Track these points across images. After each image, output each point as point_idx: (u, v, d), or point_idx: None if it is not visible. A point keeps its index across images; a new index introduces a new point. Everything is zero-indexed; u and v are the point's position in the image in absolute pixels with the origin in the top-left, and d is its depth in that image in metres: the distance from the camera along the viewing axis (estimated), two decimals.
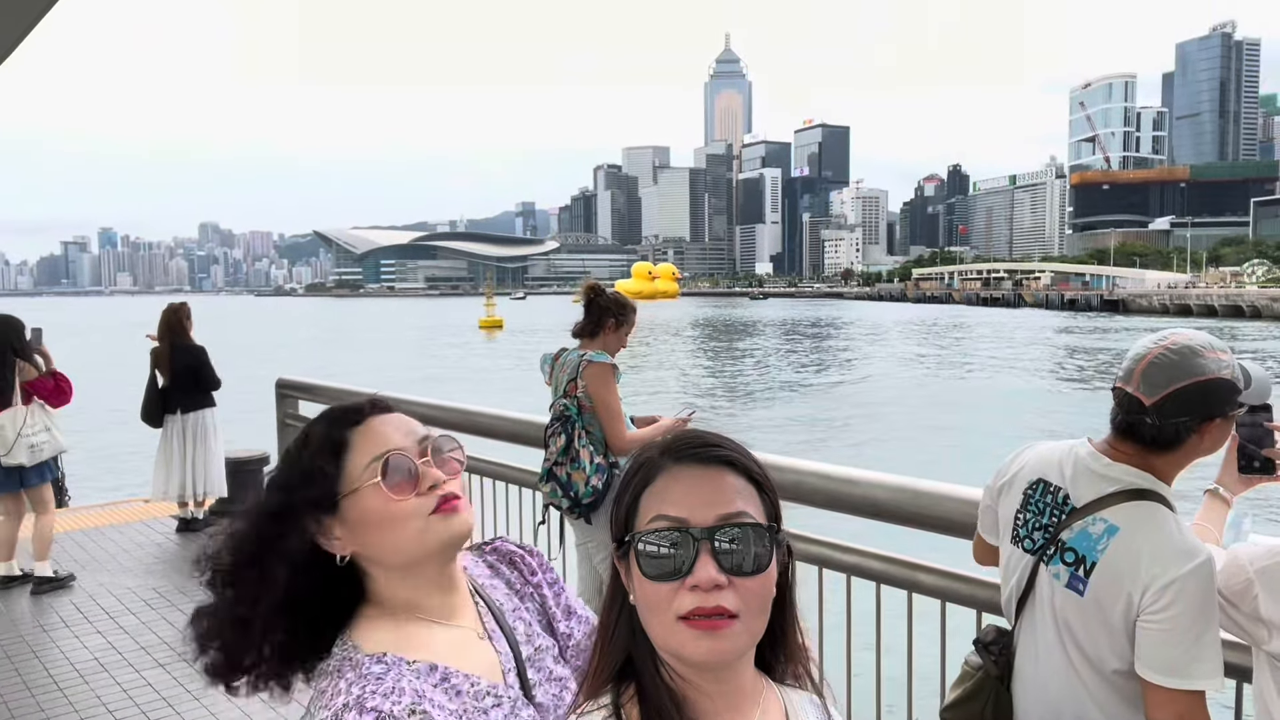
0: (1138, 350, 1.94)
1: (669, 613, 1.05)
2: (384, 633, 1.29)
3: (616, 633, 1.13)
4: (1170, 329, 1.99)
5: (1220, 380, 1.86)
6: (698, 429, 1.19)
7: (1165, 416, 1.86)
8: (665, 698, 1.08)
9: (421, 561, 1.30)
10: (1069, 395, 31.91)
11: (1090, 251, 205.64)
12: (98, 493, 10.98)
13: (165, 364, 7.76)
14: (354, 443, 1.31)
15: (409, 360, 45.02)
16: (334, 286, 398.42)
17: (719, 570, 1.04)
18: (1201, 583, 1.77)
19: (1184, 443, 1.89)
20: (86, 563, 6.85)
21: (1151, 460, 1.92)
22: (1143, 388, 1.88)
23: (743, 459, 1.13)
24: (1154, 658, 1.78)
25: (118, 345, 38.47)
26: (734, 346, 61.03)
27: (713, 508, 1.07)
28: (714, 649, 1.04)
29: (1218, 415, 1.88)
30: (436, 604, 1.33)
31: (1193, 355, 1.86)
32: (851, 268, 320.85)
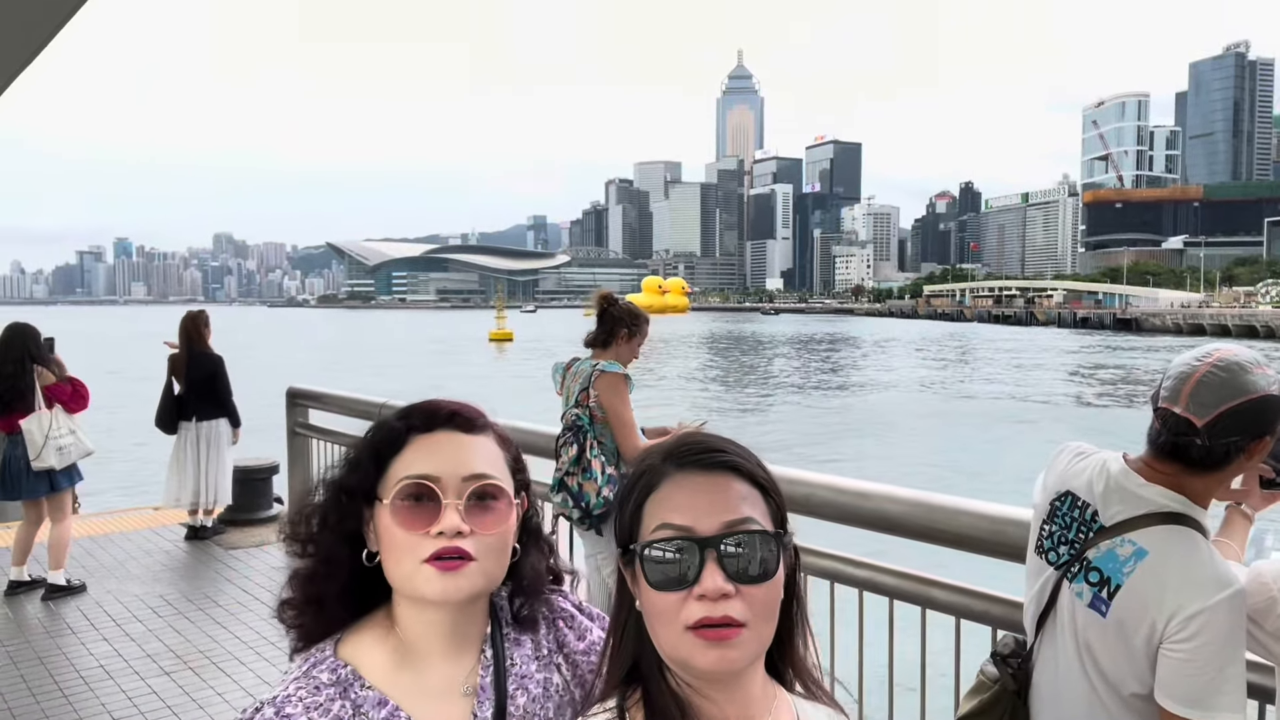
0: (1182, 369, 1.86)
1: (676, 622, 1.03)
2: (367, 644, 1.24)
3: (625, 638, 1.12)
4: (1212, 344, 1.91)
5: (1271, 397, 1.80)
6: (701, 433, 1.17)
7: (1217, 437, 1.79)
8: (671, 705, 1.06)
9: (417, 600, 1.22)
10: (1085, 413, 31.72)
11: (1103, 270, 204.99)
12: (107, 501, 11.00)
13: (182, 371, 7.80)
14: (408, 449, 1.25)
15: (421, 368, 45.12)
16: (346, 298, 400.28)
17: (726, 579, 1.02)
18: (1230, 614, 1.72)
19: (1231, 463, 1.84)
20: (95, 570, 6.85)
21: (1190, 481, 1.86)
22: (1192, 408, 1.81)
23: (747, 464, 1.11)
24: (1175, 687, 1.74)
25: (130, 355, 38.68)
26: (750, 361, 60.95)
27: (718, 515, 1.05)
28: (723, 658, 1.03)
29: (1268, 433, 1.82)
30: (432, 641, 1.24)
31: (1242, 372, 1.80)
32: (862, 284, 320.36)
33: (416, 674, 1.22)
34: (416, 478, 1.21)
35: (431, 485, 1.20)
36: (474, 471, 1.23)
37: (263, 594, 6.32)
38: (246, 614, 5.93)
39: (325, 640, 1.24)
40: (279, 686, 1.19)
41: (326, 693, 1.17)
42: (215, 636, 5.55)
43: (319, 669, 1.20)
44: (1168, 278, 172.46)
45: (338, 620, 1.25)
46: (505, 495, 1.25)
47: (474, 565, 1.19)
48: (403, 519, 1.19)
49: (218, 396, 7.85)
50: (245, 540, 7.65)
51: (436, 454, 1.23)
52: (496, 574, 1.25)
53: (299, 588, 1.26)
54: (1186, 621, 1.72)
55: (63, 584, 6.30)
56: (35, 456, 6.22)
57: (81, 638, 5.55)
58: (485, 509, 1.22)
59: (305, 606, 1.25)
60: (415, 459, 1.23)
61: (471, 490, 1.22)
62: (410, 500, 1.20)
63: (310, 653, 1.23)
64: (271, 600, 1.21)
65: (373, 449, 1.26)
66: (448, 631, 1.24)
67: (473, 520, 1.20)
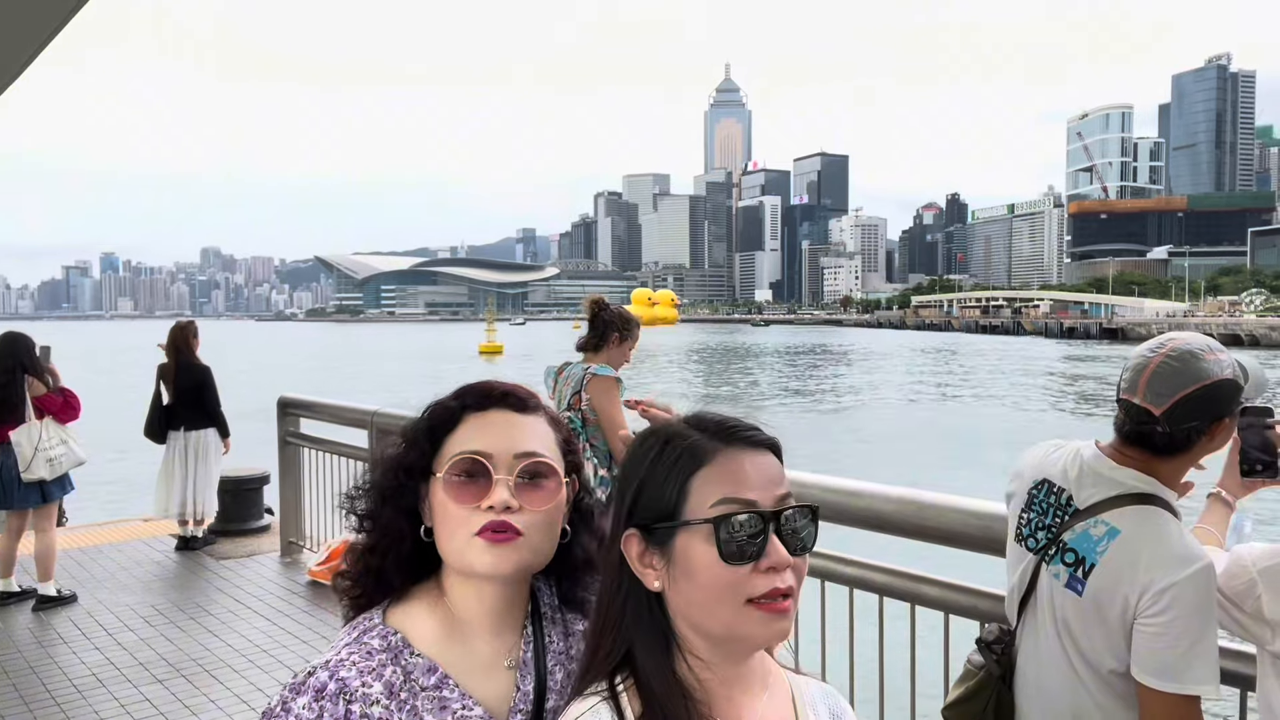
0: (1138, 360, 1.95)
1: (738, 596, 1.05)
2: (416, 613, 1.27)
3: (623, 619, 1.12)
4: (1166, 335, 2.00)
5: (1224, 381, 1.88)
6: (720, 413, 1.18)
7: (1176, 423, 1.87)
8: (670, 682, 1.08)
9: (468, 572, 1.25)
10: (1070, 422, 31.90)
11: (1088, 280, 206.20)
12: (91, 513, 10.95)
13: (171, 381, 7.80)
14: (462, 427, 1.29)
15: (412, 379, 45.01)
16: (334, 312, 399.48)
17: (788, 552, 1.06)
18: (1199, 588, 1.77)
19: (1194, 446, 1.92)
20: (85, 580, 6.82)
21: (1157, 465, 1.93)
22: (1149, 397, 1.89)
23: (778, 442, 1.16)
24: (1149, 661, 1.79)
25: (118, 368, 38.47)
26: (741, 370, 61.01)
27: (772, 489, 1.09)
28: (780, 630, 1.06)
29: (1225, 415, 1.91)
30: (480, 615, 1.27)
31: (1195, 360, 1.89)
32: (851, 295, 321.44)
33: (464, 645, 1.25)
34: (469, 453, 1.24)
35: (484, 461, 1.23)
36: (525, 449, 1.26)
37: (255, 603, 6.31)
38: (239, 623, 5.93)
39: (373, 609, 1.27)
40: (330, 651, 1.21)
41: (379, 658, 1.20)
42: (208, 645, 5.54)
43: (370, 635, 1.23)
44: (1153, 287, 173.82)
45: (390, 591, 1.28)
46: (555, 474, 1.27)
47: (522, 540, 1.22)
48: (455, 493, 1.23)
49: (206, 407, 7.86)
50: (236, 550, 7.64)
51: (489, 431, 1.26)
52: (546, 551, 1.27)
53: (357, 560, 1.29)
54: (1158, 596, 1.78)
55: (53, 594, 6.28)
56: (25, 469, 6.20)
57: (73, 647, 5.54)
58: (535, 486, 1.25)
59: (362, 577, 1.29)
60: (469, 436, 1.26)
61: (522, 467, 1.24)
62: (463, 475, 1.23)
63: (359, 620, 1.26)
64: (264, 609, 1.34)
65: (429, 426, 1.29)
66: (494, 606, 1.27)
67: (523, 497, 1.23)
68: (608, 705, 1.07)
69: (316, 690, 1.14)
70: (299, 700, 1.14)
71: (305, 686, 1.15)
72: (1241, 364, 1.96)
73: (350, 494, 1.33)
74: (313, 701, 1.13)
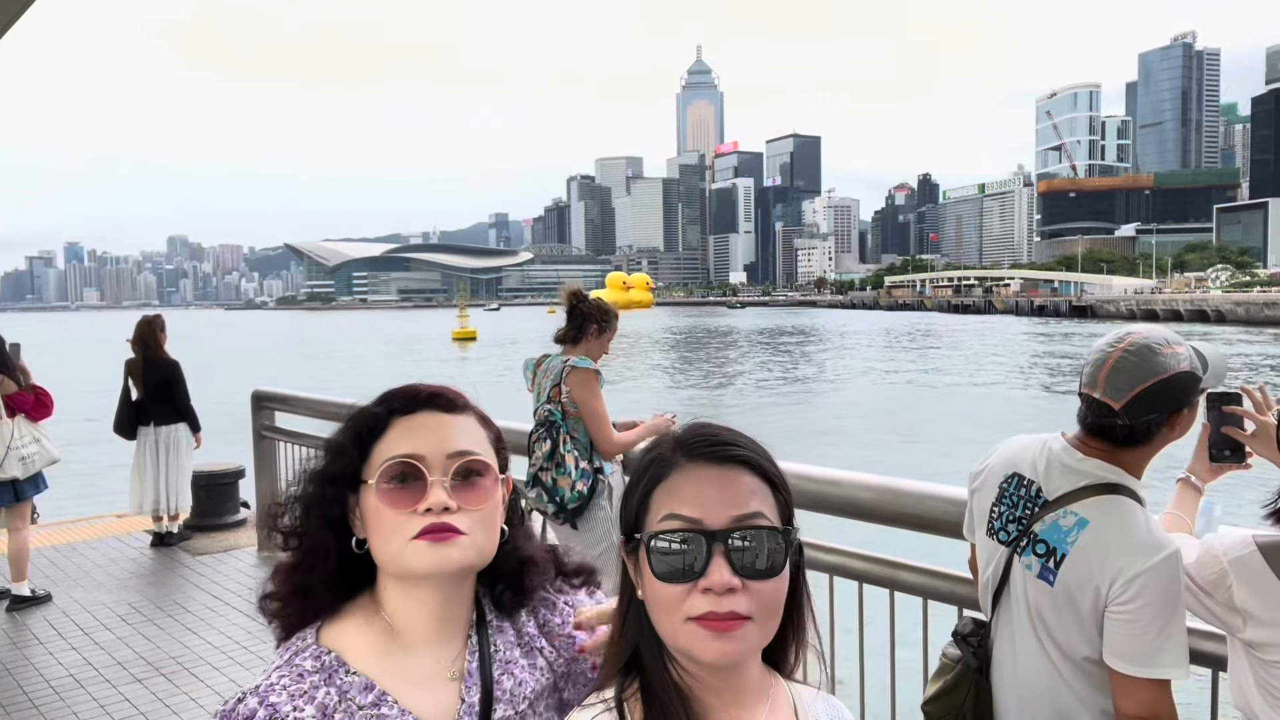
0: (1097, 355, 1.99)
1: (679, 613, 1.03)
2: (351, 630, 1.23)
3: (625, 627, 1.12)
4: (1126, 328, 2.04)
5: (1181, 374, 1.92)
6: (713, 424, 1.15)
7: (1135, 416, 1.92)
8: (671, 693, 1.06)
9: (407, 578, 1.21)
10: (1041, 400, 32.29)
11: (1058, 258, 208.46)
12: (64, 509, 10.81)
13: (139, 376, 7.70)
14: (390, 432, 1.24)
15: (386, 367, 44.73)
16: (305, 300, 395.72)
17: (732, 573, 1.02)
18: (1167, 576, 1.82)
19: (1155, 437, 1.96)
20: (60, 579, 6.75)
21: (1122, 455, 1.98)
22: (1109, 392, 1.94)
23: (758, 458, 1.10)
24: (1120, 647, 1.84)
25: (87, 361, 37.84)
26: (722, 354, 61.17)
27: (727, 508, 1.04)
28: (725, 651, 1.03)
29: (1184, 406, 1.95)
30: (420, 623, 1.23)
31: (1152, 354, 1.93)
32: (825, 276, 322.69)
33: (402, 658, 1.21)
34: (401, 458, 1.20)
35: (416, 464, 1.20)
36: (458, 448, 1.23)
37: (233, 599, 6.27)
38: (217, 619, 5.89)
39: (306, 629, 1.23)
40: (261, 676, 1.18)
41: (311, 679, 1.16)
42: (186, 643, 5.51)
43: (302, 657, 1.19)
44: (1121, 265, 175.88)
45: (322, 609, 1.24)
46: (491, 471, 1.25)
47: (465, 538, 1.19)
48: (389, 499, 1.19)
49: (175, 402, 7.77)
50: (212, 546, 7.58)
51: (419, 434, 1.23)
52: (487, 549, 1.24)
53: (284, 579, 1.25)
54: (1128, 584, 1.82)
55: (27, 594, 6.20)
56: None
57: (49, 647, 5.48)
58: (471, 485, 1.22)
59: (290, 597, 1.24)
60: (398, 440, 1.23)
61: (457, 467, 1.21)
62: (395, 481, 1.20)
63: (292, 641, 1.22)
64: (243, 605, 1.29)
65: (354, 434, 1.25)
66: (435, 613, 1.23)
67: (459, 496, 1.20)
68: (610, 715, 1.06)
69: (245, 718, 1.11)
70: None
71: (235, 714, 1.12)
72: (1200, 353, 2.00)
73: (271, 510, 1.29)
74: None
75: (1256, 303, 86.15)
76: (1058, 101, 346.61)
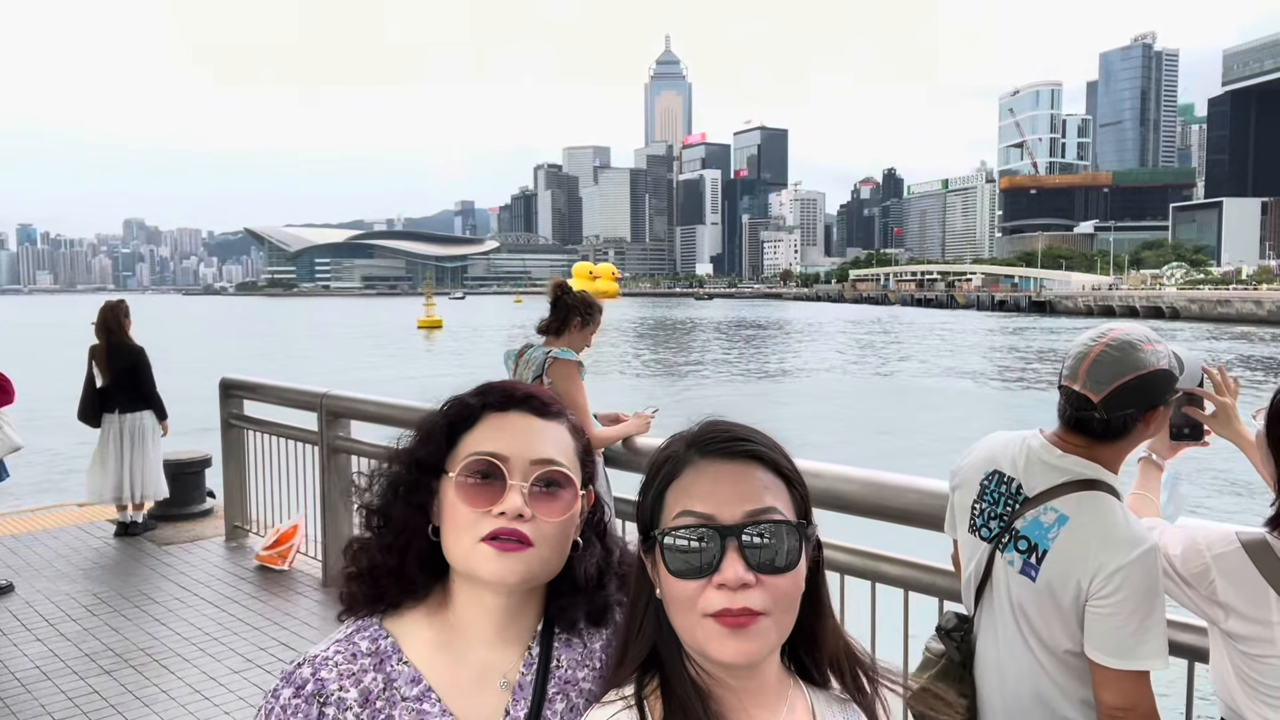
0: (1080, 349, 2.03)
1: (695, 610, 1.03)
2: (414, 620, 1.23)
3: (644, 625, 1.11)
4: (1107, 324, 2.09)
5: (1160, 371, 1.97)
6: (726, 420, 1.15)
7: (1112, 410, 1.96)
8: (690, 691, 1.06)
9: (472, 578, 1.20)
10: (1006, 394, 32.78)
11: (1019, 254, 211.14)
12: (23, 499, 10.59)
13: (104, 363, 7.55)
14: (480, 426, 1.24)
15: (353, 356, 44.26)
16: (266, 285, 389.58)
17: (747, 568, 1.02)
18: (1146, 570, 1.87)
19: (1130, 432, 2.01)
20: (21, 569, 6.61)
21: (1099, 451, 2.02)
22: (1089, 385, 1.98)
23: (772, 453, 1.10)
24: (1101, 640, 1.88)
25: (44, 346, 37.01)
26: (691, 345, 61.28)
27: (741, 504, 1.05)
28: (741, 649, 1.02)
29: (1160, 404, 2.00)
30: (481, 625, 1.22)
31: (1133, 350, 1.97)
32: (790, 269, 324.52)
33: (458, 658, 1.21)
34: (485, 454, 1.19)
35: (499, 464, 1.19)
36: (543, 456, 1.21)
37: (201, 589, 6.19)
38: (186, 610, 5.81)
39: (374, 611, 1.24)
40: (325, 643, 1.20)
41: (362, 662, 1.17)
42: (155, 634, 5.43)
43: (361, 635, 1.20)
44: (1079, 261, 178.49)
45: (395, 592, 1.23)
46: (572, 485, 1.22)
47: (532, 551, 1.17)
48: (467, 495, 1.18)
49: (141, 388, 7.64)
50: (179, 536, 7.47)
51: (508, 433, 1.22)
52: (555, 564, 1.21)
53: (368, 556, 1.24)
54: (1108, 579, 1.87)
55: None
56: None
57: (14, 639, 5.37)
58: (551, 496, 1.20)
59: (365, 575, 1.24)
60: (486, 436, 1.22)
61: (539, 475, 1.19)
62: (477, 477, 1.19)
63: (358, 619, 1.23)
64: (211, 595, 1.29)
65: (447, 422, 1.25)
66: (498, 618, 1.21)
67: (536, 505, 1.18)
68: (630, 713, 1.05)
69: (297, 686, 1.14)
70: (284, 692, 1.14)
71: (292, 678, 1.15)
72: (1177, 355, 2.05)
73: (358, 486, 1.30)
74: (292, 697, 1.14)
75: (1210, 300, 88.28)
76: (1020, 99, 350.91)
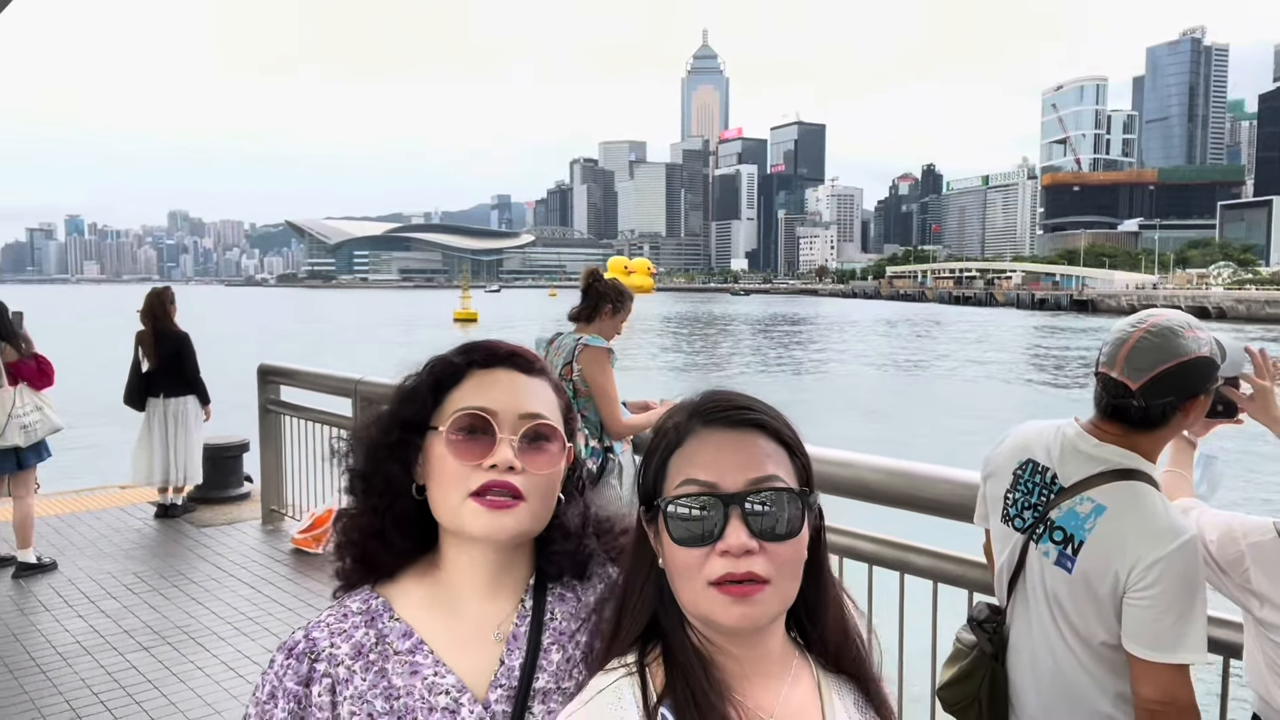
0: (1118, 334, 1.97)
1: (699, 578, 1.03)
2: (405, 582, 1.24)
3: (643, 594, 1.11)
4: (1148, 311, 2.03)
5: (1201, 359, 1.91)
6: (727, 390, 1.15)
7: (1151, 398, 1.90)
8: (692, 658, 1.06)
9: (461, 535, 1.20)
10: (1045, 393, 32.31)
11: (1060, 252, 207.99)
12: (67, 480, 10.83)
13: (150, 348, 7.71)
14: (466, 383, 1.24)
15: (390, 347, 44.66)
16: (306, 277, 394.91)
17: (750, 535, 1.02)
18: (1185, 561, 1.82)
19: (1169, 421, 1.94)
20: (65, 548, 6.77)
21: (1137, 440, 1.96)
22: (1127, 372, 1.92)
23: (774, 421, 1.11)
24: (1139, 633, 1.84)
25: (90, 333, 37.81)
26: (724, 341, 61.13)
27: (743, 471, 1.05)
28: (745, 614, 1.03)
29: (1200, 393, 1.93)
30: (472, 579, 1.22)
31: (1174, 336, 1.91)
32: (826, 265, 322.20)
33: (450, 612, 1.21)
34: (474, 409, 1.20)
35: (488, 418, 1.19)
36: (530, 410, 1.22)
37: (238, 570, 6.30)
38: (222, 590, 5.92)
39: (368, 582, 1.24)
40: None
41: (353, 620, 1.19)
42: (191, 612, 5.53)
43: (352, 598, 1.22)
44: (1123, 260, 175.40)
45: (383, 554, 1.24)
46: (559, 438, 1.24)
47: (523, 506, 1.18)
48: (456, 449, 1.18)
49: (185, 374, 7.79)
50: (217, 518, 7.61)
51: (494, 389, 1.23)
52: (543, 517, 1.22)
53: (353, 523, 1.25)
54: (1146, 570, 1.82)
55: (33, 562, 6.23)
56: None
57: (56, 614, 5.50)
58: (538, 449, 1.21)
59: (361, 541, 1.24)
60: (473, 393, 1.22)
61: (527, 429, 1.21)
62: (465, 432, 1.19)
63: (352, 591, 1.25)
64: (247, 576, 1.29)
65: (432, 379, 1.25)
66: (490, 572, 1.22)
67: (525, 458, 1.19)
68: (631, 680, 1.06)
69: (289, 649, 1.16)
70: (278, 656, 1.17)
71: (287, 644, 1.18)
72: (1219, 342, 1.98)
73: (336, 448, 1.29)
74: (285, 659, 1.16)
75: (1257, 300, 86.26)
76: (1064, 94, 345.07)
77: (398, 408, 1.26)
